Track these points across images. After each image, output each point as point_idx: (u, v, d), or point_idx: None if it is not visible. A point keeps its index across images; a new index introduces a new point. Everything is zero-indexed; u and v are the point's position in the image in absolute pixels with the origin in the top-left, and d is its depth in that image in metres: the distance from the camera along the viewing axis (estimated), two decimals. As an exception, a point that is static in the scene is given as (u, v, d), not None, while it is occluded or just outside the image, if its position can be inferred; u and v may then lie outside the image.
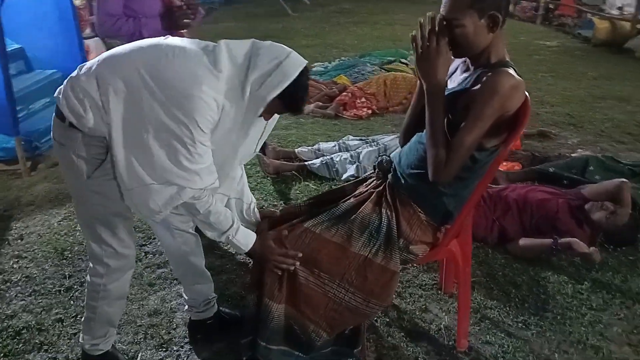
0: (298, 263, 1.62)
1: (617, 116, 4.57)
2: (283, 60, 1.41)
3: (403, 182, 1.73)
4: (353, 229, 1.67)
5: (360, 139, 3.63)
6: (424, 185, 1.65)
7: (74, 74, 1.50)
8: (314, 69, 6.04)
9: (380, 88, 4.72)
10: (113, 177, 1.48)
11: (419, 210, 1.70)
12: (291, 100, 1.45)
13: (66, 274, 2.42)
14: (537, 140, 3.93)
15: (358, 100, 4.64)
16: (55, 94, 1.52)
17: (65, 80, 1.50)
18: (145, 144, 1.40)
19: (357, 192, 1.83)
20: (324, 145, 3.58)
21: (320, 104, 4.72)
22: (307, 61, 1.49)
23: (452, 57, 1.58)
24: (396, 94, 4.70)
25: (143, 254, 2.54)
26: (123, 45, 1.52)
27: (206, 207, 1.51)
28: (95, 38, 5.35)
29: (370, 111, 4.60)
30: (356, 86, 4.82)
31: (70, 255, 2.56)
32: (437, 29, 1.53)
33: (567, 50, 7.86)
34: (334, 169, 3.29)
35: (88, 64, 1.49)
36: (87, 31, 5.62)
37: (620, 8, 9.85)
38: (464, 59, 1.67)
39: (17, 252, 2.59)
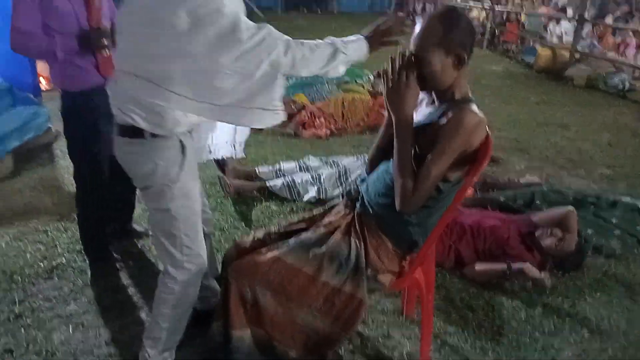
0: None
1: (559, 142, 4.85)
2: None
3: (371, 210, 1.77)
4: (323, 259, 1.69)
5: (321, 160, 3.67)
6: (391, 214, 1.70)
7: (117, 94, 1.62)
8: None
9: (338, 109, 4.81)
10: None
11: (386, 239, 1.75)
12: None
13: (16, 299, 2.30)
14: (487, 165, 4.10)
15: (317, 120, 4.69)
16: (118, 114, 1.62)
17: (117, 100, 1.62)
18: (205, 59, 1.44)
19: (326, 221, 1.85)
20: (284, 165, 3.60)
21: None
22: None
23: (420, 91, 1.66)
24: (354, 115, 4.80)
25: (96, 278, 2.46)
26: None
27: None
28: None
29: (329, 131, 4.66)
30: (315, 106, 4.88)
31: (20, 279, 2.43)
32: (406, 64, 1.60)
33: (512, 75, 8.31)
34: (295, 190, 3.31)
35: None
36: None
37: (559, 37, 10.53)
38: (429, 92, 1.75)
39: (-41, 276, 2.44)
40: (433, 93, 1.72)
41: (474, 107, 1.61)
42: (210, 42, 1.41)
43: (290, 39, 1.53)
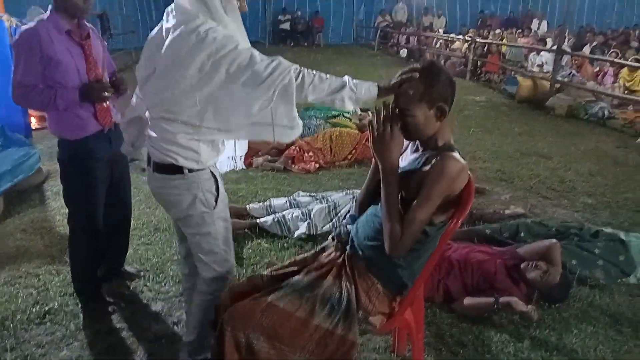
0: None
1: (542, 172, 4.96)
2: None
3: (361, 253, 1.83)
4: (315, 303, 1.73)
5: (311, 196, 3.74)
6: (381, 258, 1.76)
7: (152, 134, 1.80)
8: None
9: (326, 143, 4.90)
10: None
11: (376, 281, 1.80)
12: None
13: (7, 346, 2.30)
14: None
15: (306, 155, 4.78)
16: (154, 153, 1.78)
17: (153, 142, 1.78)
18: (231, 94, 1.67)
19: (317, 263, 1.90)
20: (275, 202, 3.66)
21: (269, 157, 4.83)
22: None
23: (404, 140, 1.75)
24: (341, 149, 4.90)
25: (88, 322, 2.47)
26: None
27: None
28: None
29: (317, 165, 4.74)
30: (304, 140, 4.97)
31: (11, 325, 2.43)
32: (390, 116, 1.69)
33: (494, 105, 8.49)
34: (285, 227, 3.36)
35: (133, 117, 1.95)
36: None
37: (540, 66, 10.85)
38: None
39: (-50, 324, 2.43)
40: (417, 141, 1.81)
41: (456, 155, 1.70)
42: (232, 78, 1.64)
43: (301, 67, 1.73)
